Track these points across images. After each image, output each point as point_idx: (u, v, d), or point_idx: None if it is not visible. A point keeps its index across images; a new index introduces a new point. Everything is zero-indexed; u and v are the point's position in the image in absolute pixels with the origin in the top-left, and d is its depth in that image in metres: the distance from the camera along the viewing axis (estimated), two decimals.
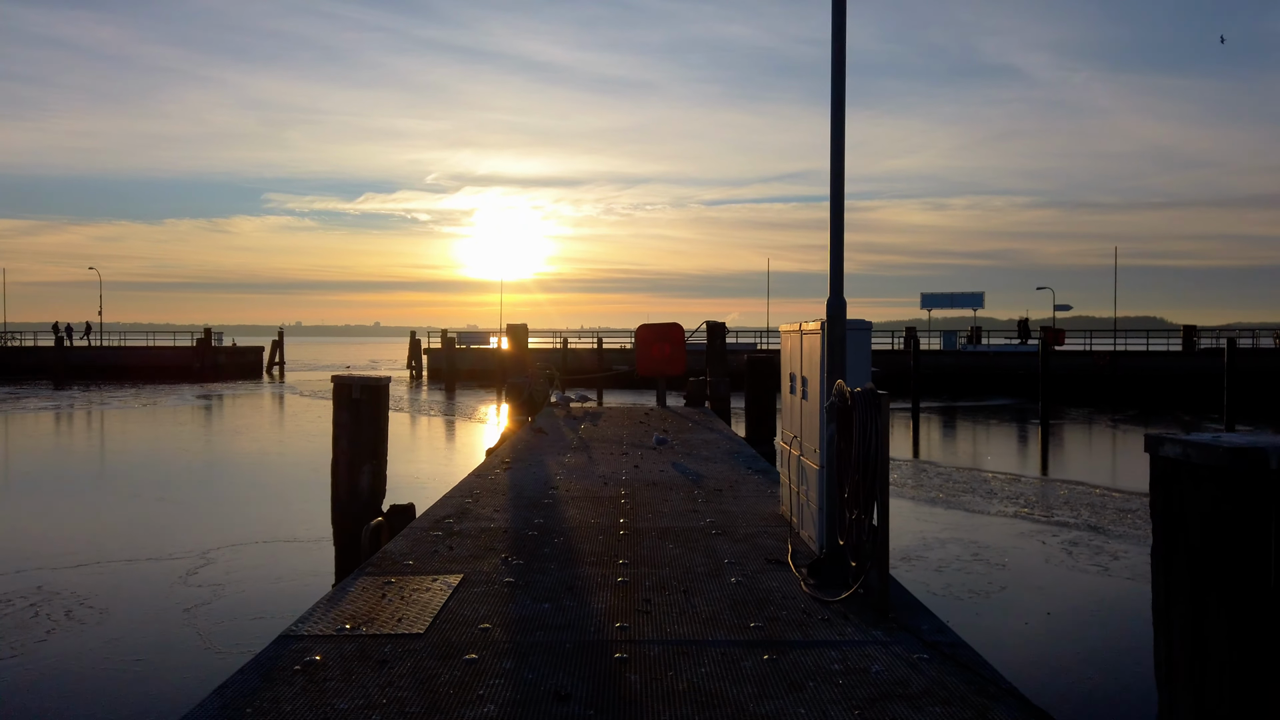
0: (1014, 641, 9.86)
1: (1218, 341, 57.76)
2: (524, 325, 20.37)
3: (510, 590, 5.68)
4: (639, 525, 7.69)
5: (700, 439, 14.16)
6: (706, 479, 10.18)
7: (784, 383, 7.92)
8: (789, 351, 7.65)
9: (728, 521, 7.84)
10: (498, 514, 8.13)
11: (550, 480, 10.10)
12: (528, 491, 9.36)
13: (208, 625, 10.60)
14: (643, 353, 20.73)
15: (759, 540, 7.11)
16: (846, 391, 5.32)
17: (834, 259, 5.89)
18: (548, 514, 8.17)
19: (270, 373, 77.31)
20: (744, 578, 5.97)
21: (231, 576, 12.86)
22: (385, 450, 8.17)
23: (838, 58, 5.94)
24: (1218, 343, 57.07)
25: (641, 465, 11.27)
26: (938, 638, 4.73)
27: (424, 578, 5.92)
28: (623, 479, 10.22)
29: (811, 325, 6.75)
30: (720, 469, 10.96)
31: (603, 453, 12.52)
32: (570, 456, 12.14)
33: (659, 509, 8.42)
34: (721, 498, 9.02)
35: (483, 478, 10.23)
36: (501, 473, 10.62)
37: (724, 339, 20.90)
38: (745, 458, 11.92)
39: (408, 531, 7.30)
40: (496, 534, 7.33)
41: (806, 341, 6.95)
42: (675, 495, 9.15)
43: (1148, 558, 13.89)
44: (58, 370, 67.42)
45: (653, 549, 6.81)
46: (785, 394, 7.89)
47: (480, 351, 64.03)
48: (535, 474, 10.56)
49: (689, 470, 10.85)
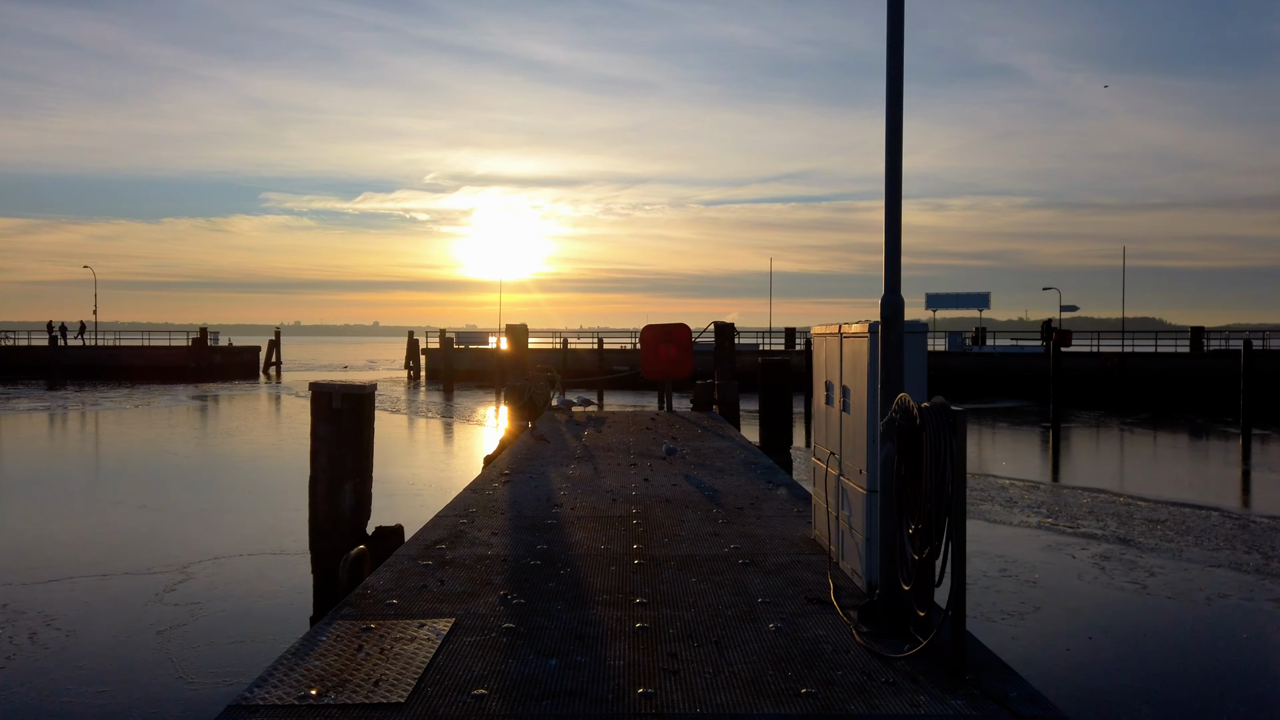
0: (1059, 671, 9.04)
1: (1228, 343, 56.94)
2: (524, 325, 19.50)
3: (510, 640, 4.81)
4: (654, 552, 6.82)
5: (712, 447, 13.29)
6: (724, 495, 9.32)
7: (817, 392, 7.06)
8: (824, 357, 6.79)
9: (754, 548, 6.97)
10: (495, 538, 7.26)
11: (553, 496, 9.23)
12: (529, 510, 8.49)
13: (181, 650, 9.77)
14: (648, 354, 19.85)
15: (793, 572, 6.24)
16: (913, 407, 4.45)
17: (889, 251, 5.03)
18: (551, 538, 7.30)
19: (267, 373, 76.65)
20: (783, 623, 5.10)
21: (212, 594, 12.06)
22: (370, 466, 7.29)
23: (895, 32, 5.08)
24: (1229, 344, 56.26)
25: (652, 478, 10.40)
26: (1032, 710, 3.87)
27: (409, 623, 5.05)
28: (632, 494, 9.36)
29: (856, 327, 5.89)
30: (738, 483, 10.09)
31: (609, 463, 11.65)
32: (574, 468, 11.28)
33: (675, 532, 7.55)
34: (743, 518, 8.16)
35: (479, 493, 9.36)
36: (500, 487, 9.75)
37: (733, 340, 20.03)
38: (763, 470, 11.06)
39: (394, 560, 6.43)
40: (494, 563, 6.46)
41: (849, 347, 6.09)
42: (692, 515, 8.28)
43: (1186, 574, 13.05)
44: (52, 370, 66.85)
45: (673, 583, 5.94)
46: (818, 404, 7.02)
47: (479, 352, 63.24)
48: (537, 489, 9.70)
49: (704, 484, 9.98)
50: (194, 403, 45.48)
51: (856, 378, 5.87)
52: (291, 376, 73.41)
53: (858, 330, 5.85)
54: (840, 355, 6.31)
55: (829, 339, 6.63)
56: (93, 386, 58.15)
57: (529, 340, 22.55)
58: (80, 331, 77.93)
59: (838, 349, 6.37)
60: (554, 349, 59.44)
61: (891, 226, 5.05)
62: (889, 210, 5.06)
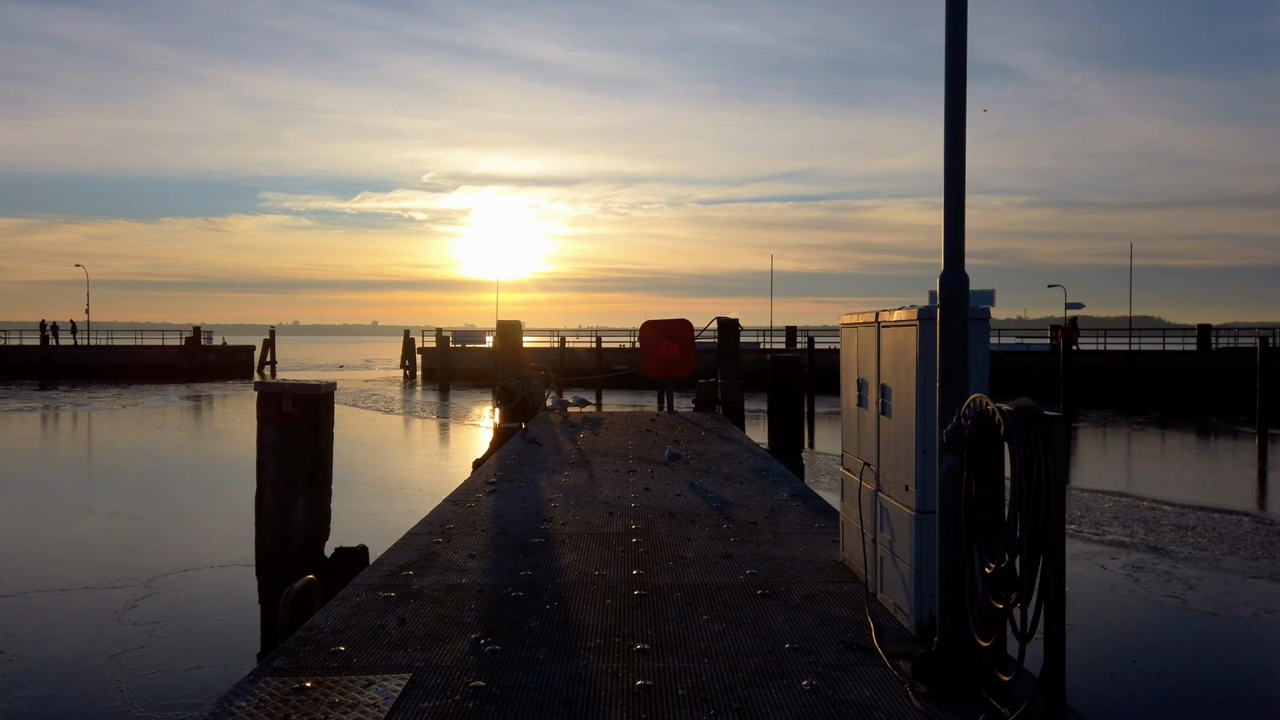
0: (1107, 701, 8.09)
1: (1238, 340, 55.89)
2: (517, 322, 18.50)
3: (478, 706, 3.81)
4: (658, 580, 5.82)
5: (717, 451, 12.29)
6: (734, 507, 8.31)
7: (846, 391, 6.07)
8: (856, 351, 5.79)
9: (774, 574, 5.97)
10: (473, 561, 6.26)
11: (543, 509, 8.23)
12: (514, 526, 7.49)
13: (134, 680, 8.81)
14: (648, 352, 18.84)
15: (823, 606, 5.24)
16: (992, 410, 3.46)
17: (950, 216, 4.04)
18: (538, 561, 6.30)
19: (261, 372, 75.79)
20: (819, 679, 4.10)
21: (176, 611, 11.10)
22: (328, 478, 6.30)
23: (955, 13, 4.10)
24: (1238, 341, 55.21)
25: (653, 487, 9.40)
26: None
27: (355, 679, 4.05)
28: (631, 506, 8.36)
29: (900, 313, 4.89)
30: (748, 492, 9.09)
31: (605, 470, 10.66)
32: (567, 474, 10.28)
33: (681, 553, 6.55)
34: (758, 535, 7.15)
35: (460, 505, 8.35)
36: (484, 498, 8.75)
37: (737, 337, 19.03)
38: (775, 477, 10.05)
39: (349, 592, 5.44)
40: (468, 595, 5.46)
41: (890, 338, 5.09)
42: (699, 531, 7.28)
43: (1226, 586, 12.04)
44: (42, 370, 66.11)
45: (681, 623, 4.94)
46: (848, 405, 6.03)
47: (476, 351, 62.26)
48: (525, 499, 8.70)
49: (711, 494, 8.98)
50: (184, 403, 44.52)
51: (900, 374, 4.88)
52: (287, 376, 72.54)
53: (902, 318, 4.86)
54: (877, 348, 5.31)
55: (862, 330, 5.64)
56: (85, 386, 57.28)
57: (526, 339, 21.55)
58: (72, 331, 77.09)
59: (873, 341, 5.38)
60: (551, 348, 58.49)
61: (952, 185, 4.06)
62: (949, 166, 4.07)
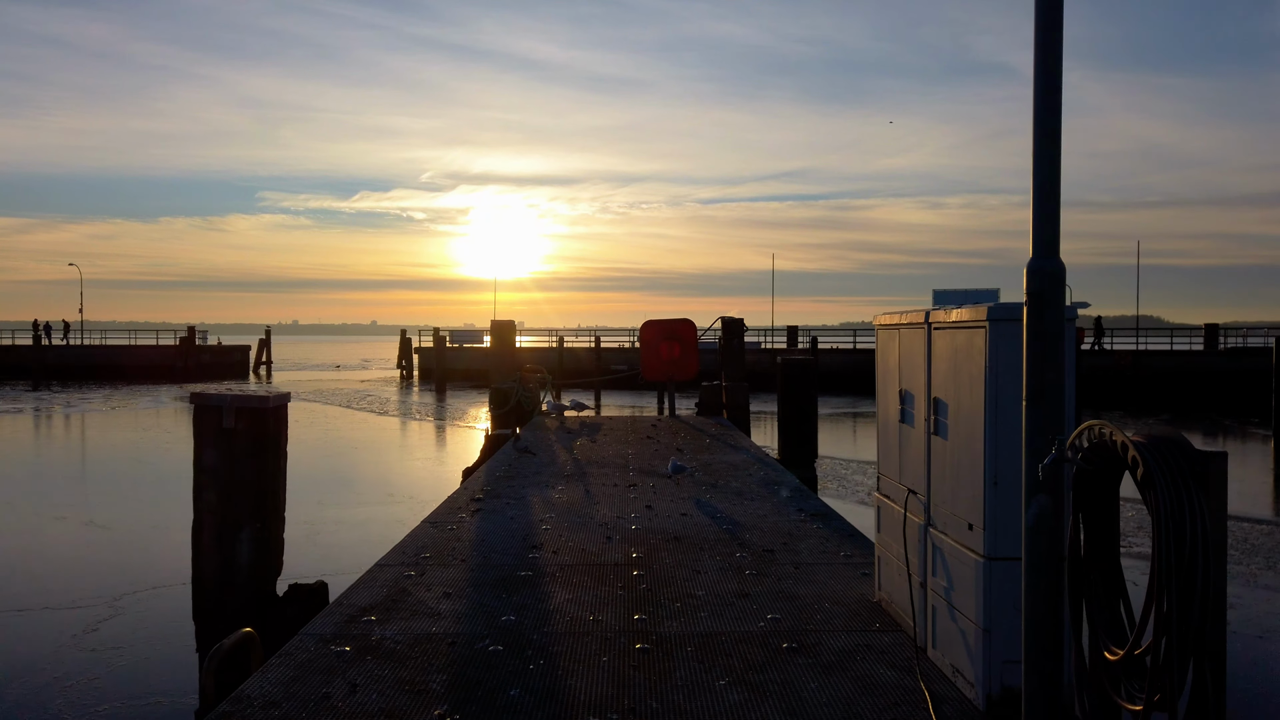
0: None
1: (1246, 340, 54.99)
2: (511, 322, 17.60)
3: None
4: (664, 628, 4.93)
5: (724, 461, 11.40)
6: (747, 529, 7.42)
7: (884, 404, 5.18)
8: (897, 357, 4.90)
9: (799, 618, 5.08)
10: (447, 602, 5.37)
11: (532, 532, 7.33)
12: (498, 555, 6.59)
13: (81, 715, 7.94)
14: (649, 354, 17.93)
15: (864, 666, 4.35)
16: (1120, 442, 2.58)
17: (1040, 195, 3.15)
18: (524, 602, 5.42)
19: (257, 372, 74.95)
20: None
21: (137, 634, 10.21)
22: (279, 504, 5.41)
23: None
24: (1247, 341, 54.30)
25: (655, 505, 8.50)
26: None
27: None
28: (632, 528, 7.47)
29: (962, 313, 4.00)
30: (761, 511, 8.20)
31: (603, 483, 9.76)
32: (562, 489, 9.39)
33: (690, 590, 5.66)
34: (776, 565, 6.26)
35: (440, 528, 7.45)
36: (468, 518, 7.86)
37: (742, 337, 18.12)
38: (790, 492, 9.16)
39: (296, 645, 4.54)
40: (437, 649, 4.57)
41: (945, 342, 4.21)
42: (709, 561, 6.39)
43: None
44: (36, 370, 65.41)
45: (693, 690, 4.05)
46: (887, 419, 5.14)
47: (474, 350, 61.40)
48: (513, 521, 7.80)
49: (720, 513, 8.09)
50: (174, 404, 43.66)
51: (961, 387, 4.00)
52: (283, 376, 71.77)
53: (965, 317, 3.97)
54: (928, 354, 4.43)
55: (906, 332, 4.75)
56: (77, 387, 56.47)
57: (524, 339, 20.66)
58: (64, 331, 76.28)
59: (922, 345, 4.50)
60: (550, 348, 57.66)
61: (1043, 158, 3.17)
62: (1039, 138, 3.18)
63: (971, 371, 3.88)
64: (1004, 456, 3.70)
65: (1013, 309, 3.72)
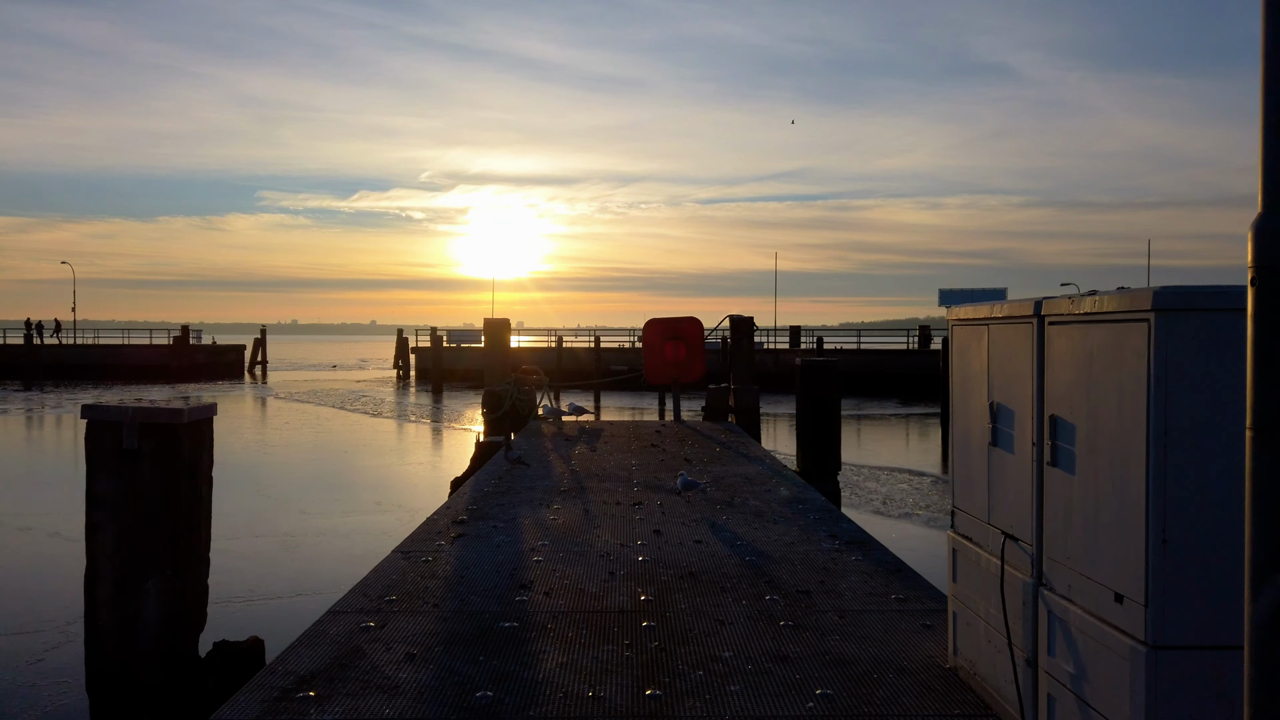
0: None
1: None
2: (505, 320, 16.48)
3: None
4: (683, 711, 3.82)
5: (738, 474, 10.29)
6: (775, 561, 6.30)
7: (963, 418, 4.07)
8: (985, 359, 3.80)
9: (857, 695, 3.97)
10: (409, 669, 4.27)
11: (521, 565, 6.21)
12: (479, 596, 5.48)
13: None
14: (652, 355, 16.82)
15: None
16: None
17: (1270, 140, 2.07)
18: (504, 668, 4.31)
19: (252, 373, 73.96)
20: None
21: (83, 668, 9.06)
22: (202, 541, 4.31)
23: None
24: None
25: (665, 529, 7.39)
26: None
27: None
28: (638, 560, 6.35)
29: (1106, 300, 2.89)
30: (787, 537, 7.08)
31: (604, 501, 8.65)
32: (557, 509, 8.27)
33: (713, 651, 4.55)
34: (817, 613, 5.15)
35: (413, 559, 6.33)
36: (447, 546, 6.74)
37: (751, 337, 17.01)
38: (817, 513, 8.03)
39: None
40: None
41: (1069, 341, 3.10)
42: (734, 607, 5.27)
43: None
44: (28, 369, 64.61)
45: None
46: (966, 439, 4.03)
47: (472, 350, 60.32)
48: (500, 548, 6.69)
49: (740, 541, 6.97)
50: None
51: (1102, 402, 2.90)
52: (278, 376, 70.79)
53: (1110, 307, 2.86)
54: (1038, 357, 3.32)
55: (1002, 329, 3.64)
56: (69, 387, 55.48)
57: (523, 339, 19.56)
58: (56, 330, 75.36)
59: (1029, 346, 3.39)
60: (549, 347, 56.62)
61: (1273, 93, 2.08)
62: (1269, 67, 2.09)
63: (1121, 382, 2.77)
64: (1178, 504, 2.61)
65: (1188, 294, 2.62)
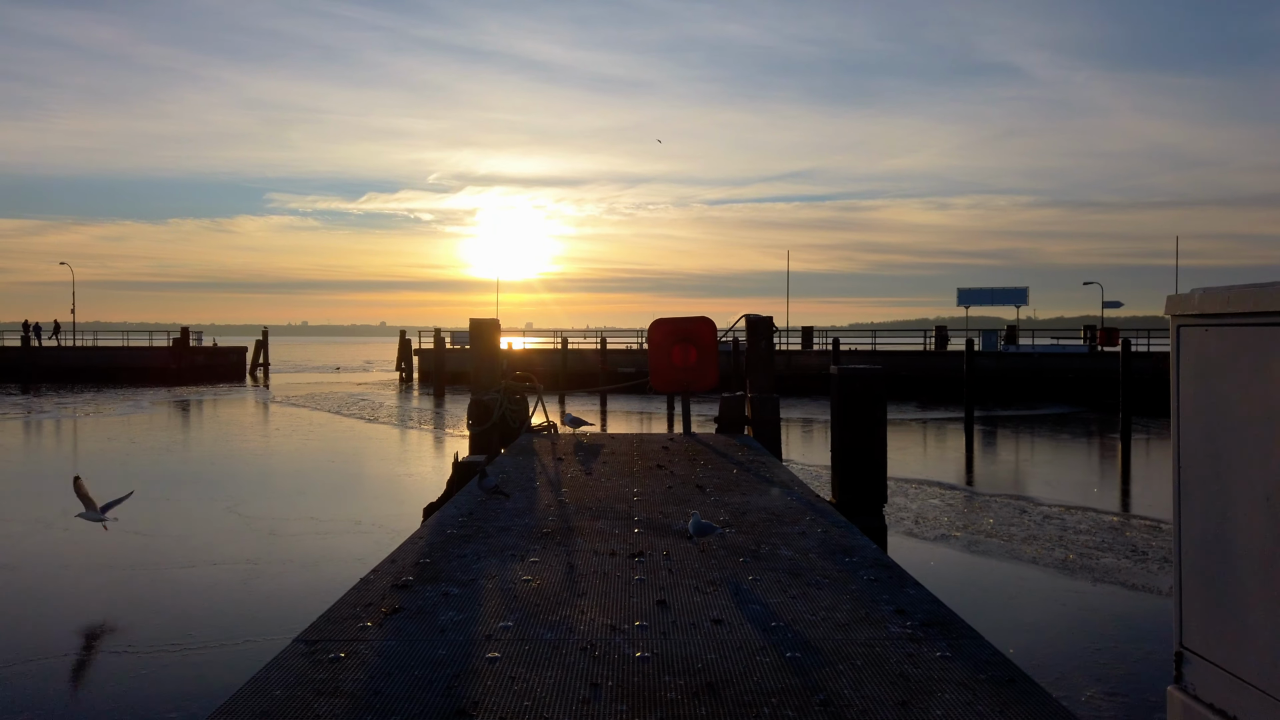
0: None
1: None
2: (494, 320, 14.65)
3: None
4: None
5: (762, 508, 8.44)
6: (826, 662, 4.46)
7: (1220, 493, 2.24)
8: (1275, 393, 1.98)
9: None
10: None
11: (465, 672, 4.37)
12: None
13: None
14: (659, 359, 14.98)
15: None
16: None
17: None
18: None
19: (253, 375, 72.61)
20: None
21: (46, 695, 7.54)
22: None
23: None
24: None
25: (673, 598, 5.54)
26: None
27: None
28: (635, 657, 4.52)
29: None
30: (839, 614, 5.22)
31: (595, 551, 6.81)
32: (534, 562, 6.43)
33: None
34: None
35: (316, 658, 4.50)
36: (374, 630, 4.90)
37: (771, 339, 15.17)
38: (872, 570, 6.16)
39: None
40: None
41: None
42: None
43: None
44: (26, 372, 63.66)
45: None
46: (1224, 530, 2.20)
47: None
48: (443, 637, 4.84)
49: (775, 618, 5.11)
50: (154, 410, 40.99)
51: None
52: (280, 379, 69.41)
53: None
54: None
55: None
56: (67, 390, 54.20)
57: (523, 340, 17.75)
58: (54, 332, 74.21)
59: None
60: (555, 349, 54.94)
61: None
62: None
63: None
64: None
65: None
